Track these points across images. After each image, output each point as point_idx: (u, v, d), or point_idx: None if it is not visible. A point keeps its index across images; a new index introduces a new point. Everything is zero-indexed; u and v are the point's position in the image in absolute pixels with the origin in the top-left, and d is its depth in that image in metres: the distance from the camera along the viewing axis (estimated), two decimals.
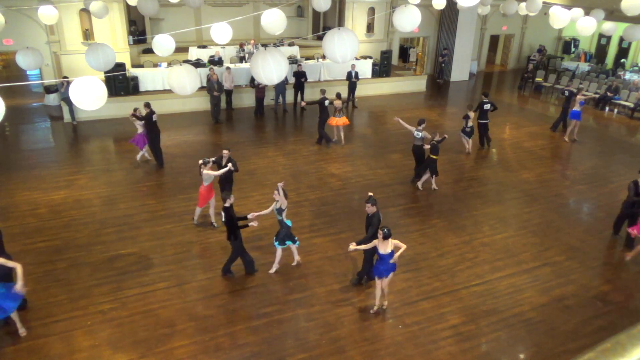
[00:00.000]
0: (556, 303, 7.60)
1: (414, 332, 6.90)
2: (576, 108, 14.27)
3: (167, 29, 17.36)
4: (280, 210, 7.69)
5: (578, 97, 14.39)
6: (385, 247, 6.80)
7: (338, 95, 13.78)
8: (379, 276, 7.01)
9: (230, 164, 9.12)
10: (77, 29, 16.84)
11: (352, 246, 7.08)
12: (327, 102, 13.60)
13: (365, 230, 7.59)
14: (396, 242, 6.85)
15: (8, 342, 6.50)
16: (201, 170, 8.88)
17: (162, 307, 7.26)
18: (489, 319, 7.21)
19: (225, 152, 9.45)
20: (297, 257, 8.32)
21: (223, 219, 7.60)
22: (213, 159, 9.28)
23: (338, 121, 13.72)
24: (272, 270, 8.09)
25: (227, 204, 7.47)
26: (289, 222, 7.88)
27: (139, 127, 11.70)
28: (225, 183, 9.46)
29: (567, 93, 14.98)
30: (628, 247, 8.96)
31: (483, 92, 14.11)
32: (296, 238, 8.11)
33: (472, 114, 13.10)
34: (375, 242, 6.91)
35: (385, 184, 11.49)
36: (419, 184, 11.29)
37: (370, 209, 7.43)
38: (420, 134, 11.22)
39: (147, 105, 11.71)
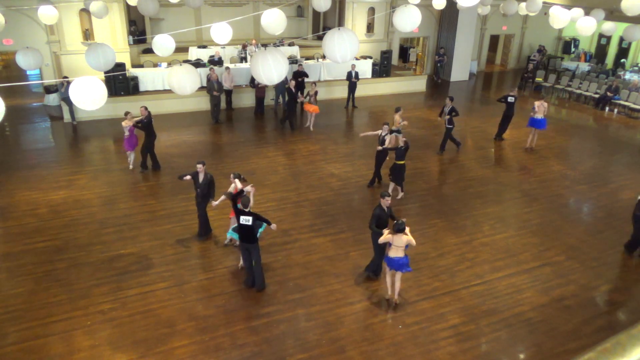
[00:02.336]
0: (556, 303, 7.60)
1: (414, 332, 6.90)
2: (538, 115, 13.44)
3: (167, 29, 17.37)
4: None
5: (545, 103, 13.46)
6: (399, 240, 6.98)
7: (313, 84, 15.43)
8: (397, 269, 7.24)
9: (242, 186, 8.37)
10: (77, 29, 16.84)
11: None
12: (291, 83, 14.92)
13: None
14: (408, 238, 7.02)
15: (8, 342, 6.50)
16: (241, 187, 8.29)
17: (162, 307, 7.26)
18: (489, 319, 7.21)
19: (199, 166, 8.67)
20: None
21: (248, 222, 7.29)
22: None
23: (309, 107, 14.97)
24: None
25: (248, 208, 7.35)
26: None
27: (127, 131, 11.34)
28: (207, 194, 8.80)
29: (510, 99, 14.00)
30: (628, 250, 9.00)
31: (449, 96, 13.52)
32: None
33: (397, 117, 12.48)
34: (386, 233, 7.08)
35: (385, 184, 11.47)
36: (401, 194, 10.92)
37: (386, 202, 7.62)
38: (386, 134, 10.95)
39: (145, 108, 11.63)
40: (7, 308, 7.12)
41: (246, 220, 7.31)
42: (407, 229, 7.06)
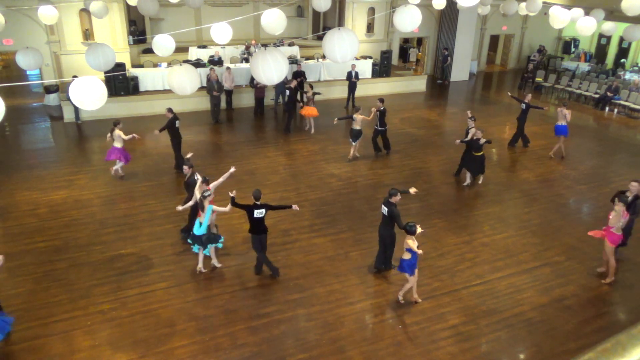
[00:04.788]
0: (556, 303, 7.60)
1: (414, 332, 6.90)
2: (561, 122, 12.84)
3: (167, 29, 17.36)
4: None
5: (565, 110, 12.74)
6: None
7: (310, 87, 15.57)
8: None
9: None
10: (77, 29, 16.85)
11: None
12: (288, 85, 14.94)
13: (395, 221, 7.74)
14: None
15: (8, 342, 6.50)
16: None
17: (162, 307, 7.26)
18: (489, 319, 7.21)
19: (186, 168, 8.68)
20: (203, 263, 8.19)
21: (261, 215, 7.55)
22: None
23: (307, 111, 14.89)
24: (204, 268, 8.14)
25: (259, 202, 7.60)
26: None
27: (119, 142, 10.99)
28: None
29: (523, 106, 13.53)
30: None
31: (379, 98, 13.19)
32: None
33: (357, 116, 12.43)
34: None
35: (385, 184, 11.47)
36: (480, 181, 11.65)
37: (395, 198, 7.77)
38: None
39: (170, 110, 11.45)
40: (7, 308, 7.08)
41: (260, 213, 7.56)
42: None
